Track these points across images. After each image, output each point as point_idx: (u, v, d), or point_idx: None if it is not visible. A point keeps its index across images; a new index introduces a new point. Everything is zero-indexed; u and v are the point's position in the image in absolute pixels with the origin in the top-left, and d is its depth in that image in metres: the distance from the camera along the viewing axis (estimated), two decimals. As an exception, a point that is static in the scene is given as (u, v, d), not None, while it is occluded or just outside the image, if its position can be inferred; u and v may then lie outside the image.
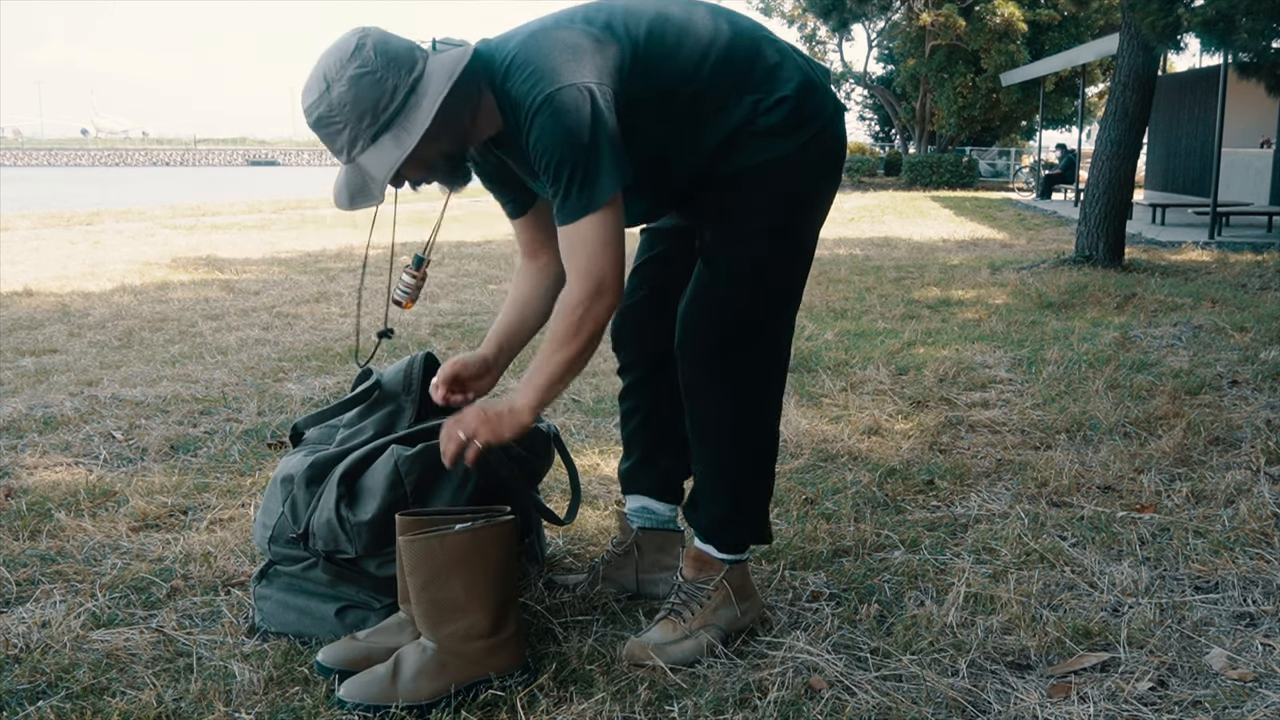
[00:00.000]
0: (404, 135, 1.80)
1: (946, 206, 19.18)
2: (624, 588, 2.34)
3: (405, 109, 1.80)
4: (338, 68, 1.79)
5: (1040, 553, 2.56)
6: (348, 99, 1.79)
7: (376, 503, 2.05)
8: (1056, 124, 31.40)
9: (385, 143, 1.80)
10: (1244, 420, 3.70)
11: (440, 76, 1.81)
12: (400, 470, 2.04)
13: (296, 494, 2.13)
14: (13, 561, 2.53)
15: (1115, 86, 8.52)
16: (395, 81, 1.80)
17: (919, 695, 1.92)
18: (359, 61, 1.79)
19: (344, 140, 1.82)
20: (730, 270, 2.03)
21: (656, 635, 2.09)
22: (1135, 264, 8.63)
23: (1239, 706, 1.88)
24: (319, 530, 2.09)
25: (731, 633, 2.14)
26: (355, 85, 1.78)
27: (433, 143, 1.83)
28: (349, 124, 1.80)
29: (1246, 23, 6.81)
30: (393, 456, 2.06)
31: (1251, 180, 15.34)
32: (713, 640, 2.09)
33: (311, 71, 1.84)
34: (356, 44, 1.80)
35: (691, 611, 2.11)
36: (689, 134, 1.96)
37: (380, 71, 1.79)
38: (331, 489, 2.08)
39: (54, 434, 3.67)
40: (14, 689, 1.95)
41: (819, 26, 32.88)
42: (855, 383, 4.37)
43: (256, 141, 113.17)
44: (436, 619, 1.90)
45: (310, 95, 1.82)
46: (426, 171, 1.91)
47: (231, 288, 7.80)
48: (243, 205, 20.57)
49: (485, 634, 1.91)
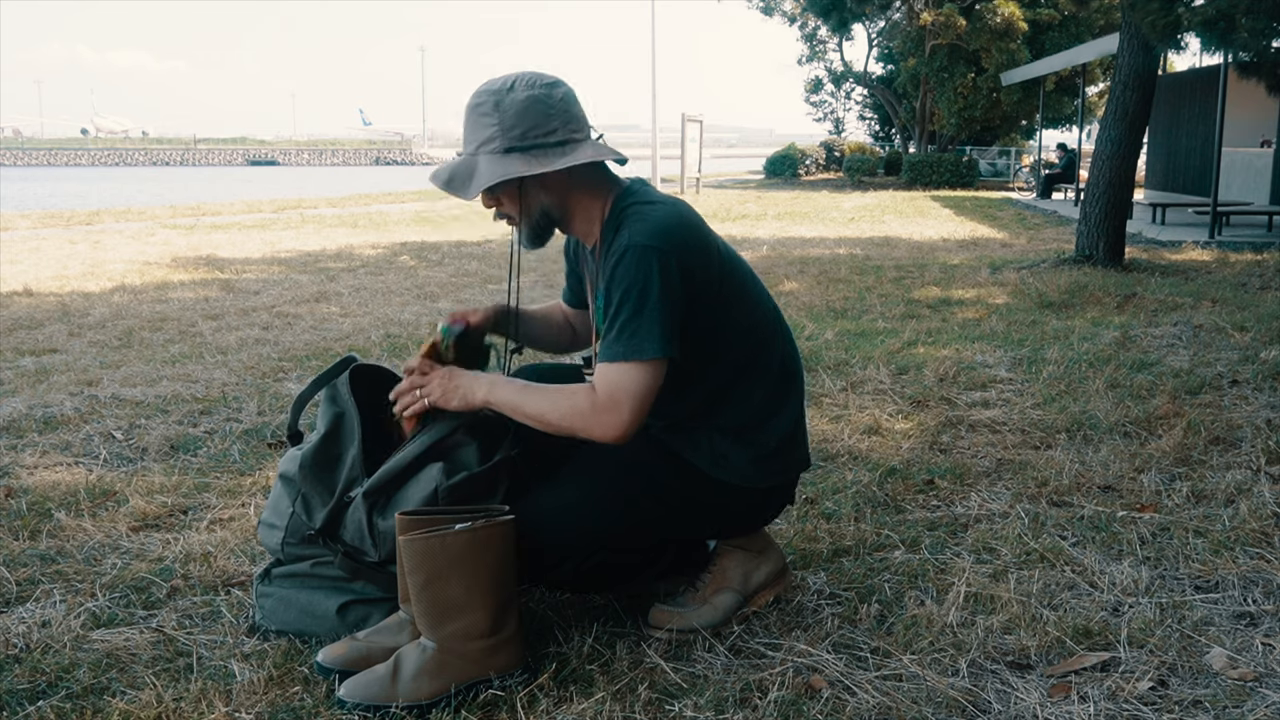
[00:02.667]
0: (531, 163, 1.93)
1: (946, 206, 19.18)
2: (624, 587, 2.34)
3: (547, 149, 1.95)
4: (528, 83, 1.96)
5: (1040, 552, 2.56)
6: (516, 107, 1.93)
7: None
8: (1057, 123, 31.38)
9: (513, 159, 1.93)
10: (1244, 420, 3.70)
11: (590, 151, 1.98)
12: (439, 497, 2.05)
13: (305, 490, 2.12)
14: (13, 561, 2.53)
15: (1115, 86, 8.51)
16: (558, 125, 1.96)
17: (919, 695, 1.92)
18: (547, 93, 1.96)
19: (484, 134, 1.95)
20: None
21: (678, 602, 2.19)
22: (1135, 263, 8.63)
23: (1239, 706, 1.88)
24: (350, 526, 2.09)
25: (750, 590, 2.22)
26: (530, 103, 1.94)
27: (544, 191, 2.00)
28: (499, 125, 1.94)
29: (1246, 22, 6.80)
30: (434, 481, 2.05)
31: (1252, 180, 15.33)
32: (730, 603, 2.19)
33: (509, 72, 2.01)
34: (555, 81, 2.00)
35: (704, 580, 2.21)
36: (704, 381, 2.06)
37: (554, 110, 1.96)
38: (360, 499, 2.09)
39: (54, 434, 3.67)
40: (14, 689, 1.95)
41: (819, 26, 32.87)
42: (855, 382, 4.37)
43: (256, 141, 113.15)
44: (436, 619, 1.90)
45: (493, 84, 1.97)
46: (521, 212, 2.02)
47: (231, 287, 7.80)
48: (243, 205, 20.57)
49: (485, 634, 1.91)
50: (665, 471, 2.07)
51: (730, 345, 2.06)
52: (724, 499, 2.11)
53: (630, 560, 2.20)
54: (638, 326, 1.89)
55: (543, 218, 2.03)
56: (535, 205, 2.01)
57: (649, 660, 2.04)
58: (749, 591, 2.23)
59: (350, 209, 19.20)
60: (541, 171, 1.93)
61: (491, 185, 1.94)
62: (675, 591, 2.26)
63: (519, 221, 2.03)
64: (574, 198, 2.03)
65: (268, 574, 2.20)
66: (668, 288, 1.90)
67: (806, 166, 36.12)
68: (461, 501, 2.05)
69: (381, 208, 19.52)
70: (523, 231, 2.05)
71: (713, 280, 2.00)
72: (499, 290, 7.70)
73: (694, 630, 2.14)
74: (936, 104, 29.49)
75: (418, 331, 5.76)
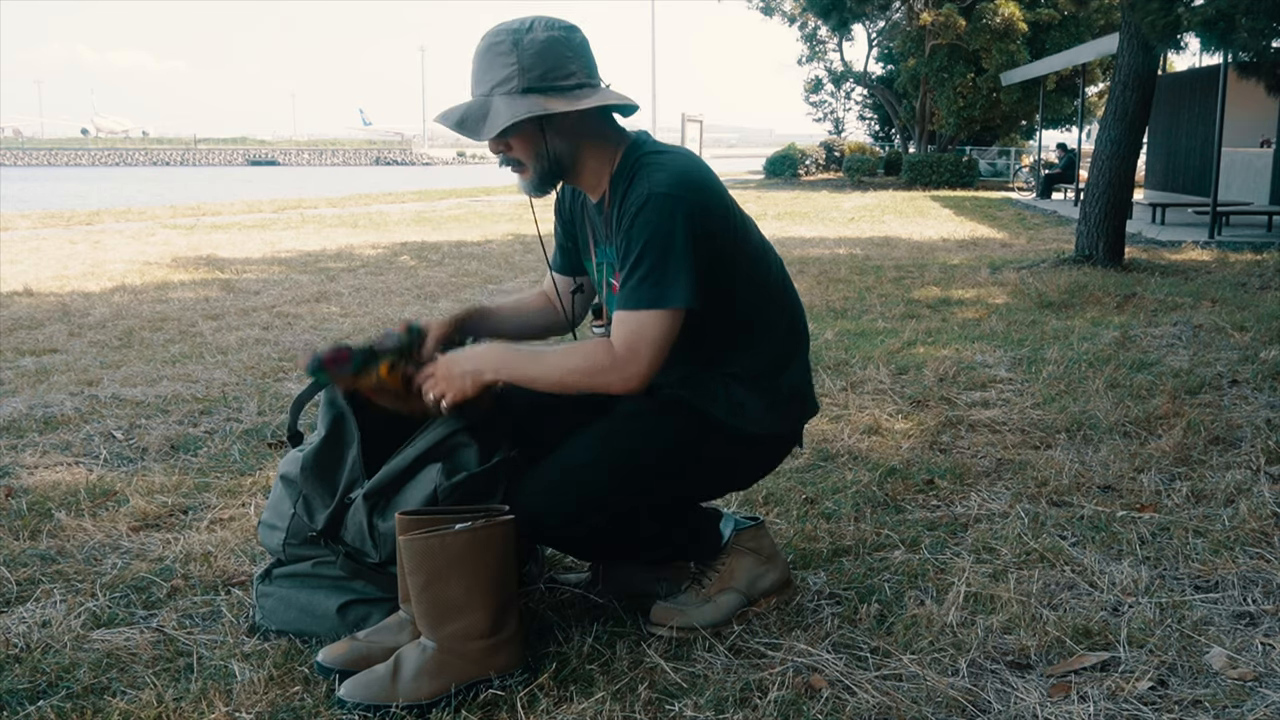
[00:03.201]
0: (547, 104, 1.88)
1: (946, 206, 19.18)
2: (624, 587, 2.34)
3: (563, 91, 1.90)
4: (547, 24, 1.91)
5: (1040, 552, 2.56)
6: (535, 47, 1.89)
7: None
8: (1056, 123, 31.38)
9: (529, 99, 1.88)
10: (1244, 420, 3.70)
11: (603, 97, 1.93)
12: (439, 497, 2.05)
13: (306, 491, 2.12)
14: (13, 561, 2.53)
15: (1115, 86, 8.51)
16: (576, 69, 1.92)
17: (919, 695, 1.92)
18: (567, 36, 1.91)
19: (500, 74, 1.89)
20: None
21: (681, 599, 2.19)
22: (1135, 263, 8.63)
23: (1239, 706, 1.88)
24: (351, 528, 2.09)
25: (754, 594, 2.22)
26: (550, 44, 1.90)
27: (556, 136, 1.94)
28: (517, 64, 1.89)
29: (1246, 22, 6.80)
30: (433, 482, 2.06)
31: (1251, 180, 15.33)
32: (733, 604, 2.19)
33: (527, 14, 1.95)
34: (573, 26, 1.95)
35: (710, 578, 2.21)
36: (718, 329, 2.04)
37: (573, 54, 1.92)
38: (361, 500, 2.09)
39: (54, 434, 3.67)
40: (14, 689, 1.95)
41: (819, 26, 32.86)
42: (855, 382, 4.37)
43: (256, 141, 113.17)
44: (436, 619, 1.90)
45: (511, 23, 1.92)
46: (530, 157, 1.96)
47: (231, 287, 7.80)
48: (243, 205, 20.57)
49: (485, 634, 1.91)
50: (681, 428, 2.06)
51: (744, 296, 2.05)
52: (740, 449, 2.10)
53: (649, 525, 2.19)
54: (662, 275, 1.87)
55: (554, 164, 1.98)
56: (550, 149, 1.95)
57: (649, 660, 2.05)
58: (753, 596, 2.23)
59: (350, 209, 19.20)
60: (564, 110, 1.89)
61: (510, 125, 1.87)
62: (678, 589, 2.26)
63: (529, 167, 1.98)
64: (586, 146, 1.99)
65: (268, 574, 2.20)
66: (691, 236, 1.88)
67: (806, 166, 36.11)
68: (461, 502, 2.05)
69: (381, 208, 19.52)
70: (532, 178, 1.99)
71: (732, 229, 1.99)
72: (499, 290, 7.70)
73: (695, 628, 2.14)
74: (936, 104, 29.48)
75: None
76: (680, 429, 2.06)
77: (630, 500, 2.09)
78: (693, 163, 1.97)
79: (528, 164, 1.97)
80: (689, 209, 1.88)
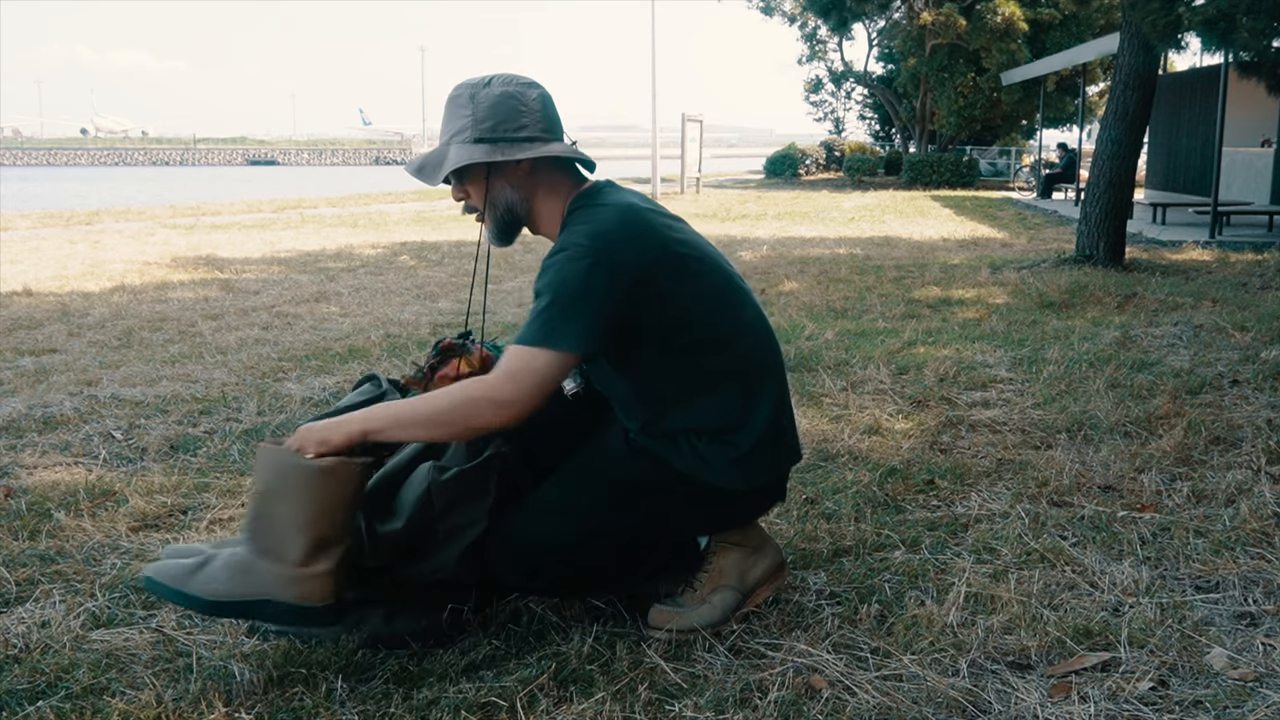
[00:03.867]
0: (495, 153, 2.00)
1: (947, 206, 19.18)
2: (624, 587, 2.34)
3: (515, 143, 2.02)
4: (505, 81, 2.05)
5: (1041, 552, 2.56)
6: (490, 100, 2.02)
7: (403, 520, 2.06)
8: (1057, 123, 31.37)
9: (480, 148, 2.01)
10: (1244, 420, 3.70)
11: (554, 149, 2.03)
12: (433, 493, 2.05)
13: None
14: (13, 561, 2.53)
15: (1116, 86, 8.51)
16: (528, 122, 2.03)
17: (919, 695, 1.92)
18: (521, 93, 2.04)
19: (457, 125, 2.03)
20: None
21: (678, 602, 2.20)
22: (1136, 263, 8.63)
23: (1240, 706, 1.87)
24: None
25: (748, 587, 2.22)
26: (503, 100, 2.02)
27: (508, 186, 2.05)
28: (471, 117, 2.02)
29: (1247, 22, 6.80)
30: (427, 479, 2.06)
31: (1252, 180, 15.33)
32: (729, 601, 2.19)
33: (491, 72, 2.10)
34: (533, 83, 2.07)
35: (700, 580, 2.21)
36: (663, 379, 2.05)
37: (526, 110, 2.03)
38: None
39: (54, 434, 3.67)
40: (14, 689, 1.94)
41: (819, 26, 32.86)
42: (855, 382, 4.37)
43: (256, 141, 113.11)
44: (256, 530, 1.93)
45: (473, 80, 2.07)
46: (489, 207, 2.07)
47: (231, 287, 7.80)
48: (242, 205, 20.57)
49: (295, 561, 1.91)
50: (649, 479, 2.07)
51: (695, 345, 2.04)
52: (709, 501, 2.10)
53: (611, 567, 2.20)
54: (552, 316, 1.91)
55: (507, 213, 2.08)
56: (500, 198, 2.06)
57: (649, 660, 2.04)
58: (747, 589, 2.23)
59: (350, 209, 19.20)
60: (502, 159, 1.99)
61: (456, 171, 2.01)
62: (674, 592, 2.26)
63: (488, 216, 2.07)
64: (539, 197, 2.08)
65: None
66: (591, 286, 1.91)
67: (806, 166, 36.12)
68: (455, 499, 2.06)
69: (381, 208, 19.52)
70: (490, 226, 2.08)
71: (671, 279, 2.00)
72: (498, 290, 7.70)
73: (694, 630, 2.14)
74: (936, 104, 29.48)
75: (417, 331, 5.76)
76: (647, 481, 2.08)
77: (597, 553, 2.11)
78: (625, 216, 2.00)
79: (484, 211, 2.07)
80: (601, 260, 1.92)
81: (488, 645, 2.10)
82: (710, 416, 2.06)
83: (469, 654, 2.06)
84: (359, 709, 1.88)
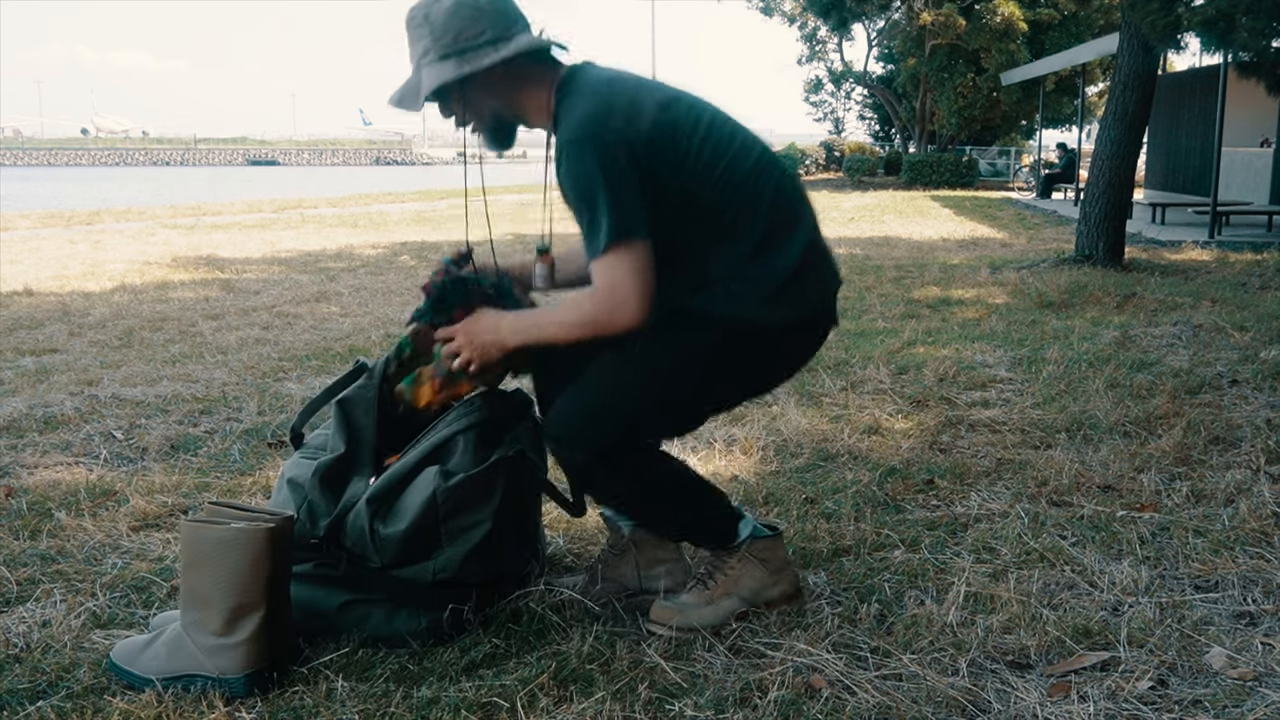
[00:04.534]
0: (464, 65, 1.96)
1: (946, 206, 19.18)
2: (624, 585, 2.34)
3: (480, 49, 1.97)
4: None
5: (1040, 552, 2.56)
6: (444, 14, 1.97)
7: (407, 523, 2.07)
8: (1056, 123, 31.36)
9: (448, 64, 1.97)
10: (1244, 419, 3.70)
11: (521, 44, 1.98)
12: (438, 499, 2.06)
13: (312, 499, 2.13)
14: (13, 561, 2.53)
15: (1115, 86, 8.51)
16: (488, 25, 1.97)
17: (919, 695, 1.92)
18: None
19: (420, 47, 1.99)
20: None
21: (682, 599, 2.18)
22: (1135, 263, 8.63)
23: (1239, 705, 1.88)
24: (351, 534, 2.10)
25: (758, 603, 2.21)
26: (457, 9, 1.96)
27: (487, 94, 2.02)
28: (432, 35, 1.97)
29: (1246, 22, 6.80)
30: (432, 485, 2.07)
31: (1251, 180, 15.33)
32: (735, 608, 2.18)
33: None
34: None
35: (715, 580, 2.20)
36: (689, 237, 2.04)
37: (481, 12, 1.97)
38: (363, 505, 2.09)
39: (54, 433, 3.67)
40: (15, 688, 1.95)
41: (819, 26, 32.86)
42: (855, 382, 4.37)
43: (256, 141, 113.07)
44: (185, 603, 1.96)
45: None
46: (475, 118, 2.06)
47: (231, 287, 7.80)
48: (243, 205, 20.57)
49: (216, 631, 1.92)
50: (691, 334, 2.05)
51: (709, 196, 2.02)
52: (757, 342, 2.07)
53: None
54: (596, 219, 1.92)
55: (493, 119, 2.07)
56: (483, 108, 2.04)
57: (649, 660, 2.05)
58: (755, 605, 2.22)
59: (350, 209, 19.20)
60: (471, 70, 1.96)
61: (431, 93, 1.98)
62: (679, 588, 2.26)
63: (480, 129, 2.07)
64: (521, 94, 2.04)
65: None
66: (609, 174, 1.91)
67: (806, 166, 36.10)
68: (460, 504, 2.06)
69: (381, 208, 19.52)
70: (486, 138, 2.08)
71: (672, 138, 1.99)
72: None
73: (694, 629, 2.14)
74: (936, 104, 29.48)
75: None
76: (690, 335, 2.05)
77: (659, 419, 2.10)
78: (601, 94, 1.97)
79: (474, 123, 2.06)
80: (598, 147, 1.91)
81: (488, 644, 2.10)
82: (735, 256, 2.03)
83: (469, 653, 2.07)
84: (359, 708, 1.88)
